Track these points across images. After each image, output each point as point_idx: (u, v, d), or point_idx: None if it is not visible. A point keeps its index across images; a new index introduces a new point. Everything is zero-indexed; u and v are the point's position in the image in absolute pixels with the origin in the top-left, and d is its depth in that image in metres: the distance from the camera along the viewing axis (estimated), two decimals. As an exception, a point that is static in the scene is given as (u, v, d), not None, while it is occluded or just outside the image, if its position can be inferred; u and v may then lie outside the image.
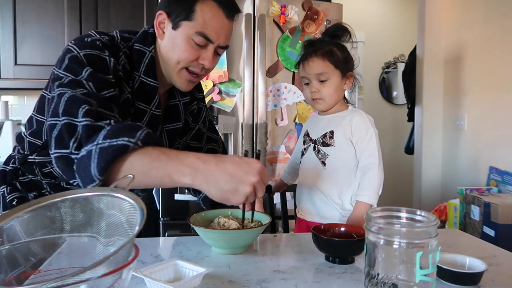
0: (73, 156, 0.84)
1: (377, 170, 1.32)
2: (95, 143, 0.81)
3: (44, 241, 0.70)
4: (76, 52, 0.97)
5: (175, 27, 1.04)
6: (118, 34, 1.08)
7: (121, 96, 1.02)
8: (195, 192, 1.34)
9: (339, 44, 1.39)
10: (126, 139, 0.80)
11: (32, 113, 1.13)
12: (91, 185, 0.81)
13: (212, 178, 0.82)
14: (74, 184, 0.87)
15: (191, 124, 1.30)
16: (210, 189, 0.82)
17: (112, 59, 0.99)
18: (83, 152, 0.82)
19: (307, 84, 1.40)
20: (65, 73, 0.95)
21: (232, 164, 0.83)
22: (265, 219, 1.09)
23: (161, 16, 1.06)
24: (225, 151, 1.45)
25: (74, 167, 0.84)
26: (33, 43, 2.51)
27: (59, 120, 0.88)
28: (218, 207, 1.20)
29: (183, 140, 1.30)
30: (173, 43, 1.05)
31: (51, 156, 0.89)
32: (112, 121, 0.86)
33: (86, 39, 1.01)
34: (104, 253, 0.69)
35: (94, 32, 1.05)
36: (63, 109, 0.88)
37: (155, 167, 0.81)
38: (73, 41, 1.02)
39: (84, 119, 0.85)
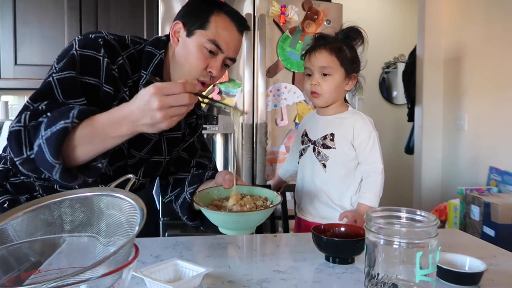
0: (31, 157, 0.93)
1: (380, 174, 1.34)
2: (39, 136, 0.91)
3: (44, 241, 0.70)
4: (74, 50, 1.04)
5: (189, 34, 1.11)
6: (129, 37, 1.16)
7: (117, 94, 1.08)
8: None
9: (350, 44, 1.39)
10: (63, 122, 0.89)
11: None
12: (54, 170, 0.90)
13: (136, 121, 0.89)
14: (52, 179, 0.94)
15: (186, 136, 1.31)
16: (142, 128, 0.90)
17: (106, 59, 1.04)
18: (35, 148, 0.91)
19: (309, 75, 1.39)
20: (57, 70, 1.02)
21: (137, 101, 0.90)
22: (276, 199, 1.04)
23: (177, 26, 1.13)
24: (215, 169, 1.39)
25: (36, 164, 0.94)
26: (33, 43, 2.51)
27: (12, 126, 0.96)
28: (196, 217, 1.21)
29: (176, 150, 1.29)
30: (186, 49, 1.11)
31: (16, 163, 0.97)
32: (48, 113, 0.93)
33: (90, 36, 1.07)
34: (104, 253, 0.70)
35: (103, 31, 1.10)
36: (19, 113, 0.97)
37: (96, 134, 0.91)
38: (79, 37, 1.08)
39: (24, 123, 0.94)
